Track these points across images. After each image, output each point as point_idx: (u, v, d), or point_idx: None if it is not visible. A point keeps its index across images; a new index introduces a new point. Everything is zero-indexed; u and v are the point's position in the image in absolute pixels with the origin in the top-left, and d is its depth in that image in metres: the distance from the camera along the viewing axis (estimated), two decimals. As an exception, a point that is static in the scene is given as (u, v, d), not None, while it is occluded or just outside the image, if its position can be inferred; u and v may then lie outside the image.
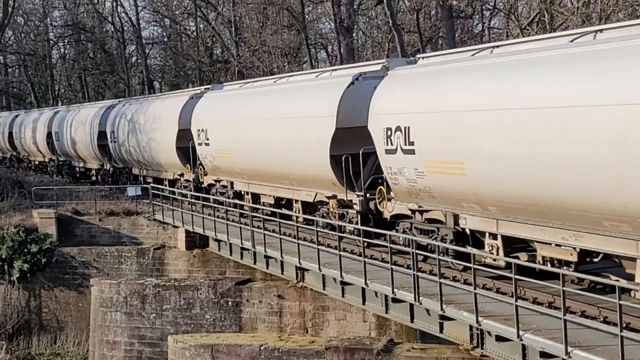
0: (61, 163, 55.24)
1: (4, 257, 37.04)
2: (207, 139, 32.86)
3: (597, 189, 15.27)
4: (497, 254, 18.67)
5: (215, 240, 31.04)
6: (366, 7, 61.44)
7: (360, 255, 21.64)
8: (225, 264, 31.59)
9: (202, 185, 34.97)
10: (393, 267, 20.00)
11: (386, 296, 20.64)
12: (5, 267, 37.15)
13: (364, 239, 21.64)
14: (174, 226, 34.37)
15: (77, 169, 53.02)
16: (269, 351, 25.81)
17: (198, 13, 73.63)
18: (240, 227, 28.26)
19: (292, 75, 30.24)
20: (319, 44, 66.80)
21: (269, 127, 28.34)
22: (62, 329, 37.06)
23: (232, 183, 32.36)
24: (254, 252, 27.81)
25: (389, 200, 22.25)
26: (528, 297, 17.41)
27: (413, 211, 21.44)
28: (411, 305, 19.80)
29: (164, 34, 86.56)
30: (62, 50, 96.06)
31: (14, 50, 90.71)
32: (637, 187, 14.50)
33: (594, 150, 15.12)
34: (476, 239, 19.76)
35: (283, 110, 27.57)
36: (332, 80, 25.75)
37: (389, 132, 21.19)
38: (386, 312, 21.18)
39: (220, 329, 29.06)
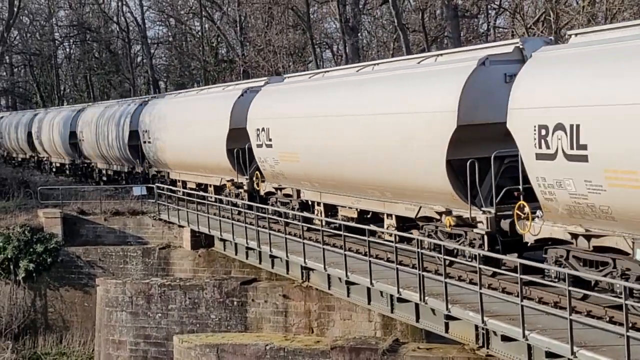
0: (85, 165, 53.04)
1: (9, 256, 37.08)
2: (269, 140, 28.26)
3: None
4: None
5: (221, 239, 31.04)
6: (371, 6, 61.42)
7: (365, 254, 21.61)
8: (230, 264, 31.59)
9: (259, 194, 30.71)
10: (398, 266, 19.98)
11: (391, 296, 20.61)
12: (11, 267, 37.18)
13: (492, 268, 18.39)
14: (180, 226, 34.38)
15: (104, 172, 49.50)
16: (275, 351, 25.79)
17: (203, 13, 73.65)
18: (246, 227, 28.23)
19: (378, 64, 25.06)
20: (324, 43, 66.83)
21: (352, 125, 23.43)
22: (67, 328, 37.09)
23: (298, 192, 27.91)
24: (259, 252, 27.79)
25: (534, 219, 17.38)
26: (534, 296, 17.37)
27: (575, 235, 16.47)
28: (417, 305, 19.78)
29: (169, 33, 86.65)
30: (67, 50, 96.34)
31: (19, 50, 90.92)
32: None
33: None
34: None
35: (374, 105, 22.53)
36: (446, 66, 20.50)
37: (543, 132, 16.09)
38: (392, 312, 21.15)
39: (226, 329, 29.06)
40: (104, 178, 49.31)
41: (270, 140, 28.13)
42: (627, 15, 37.12)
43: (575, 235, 16.36)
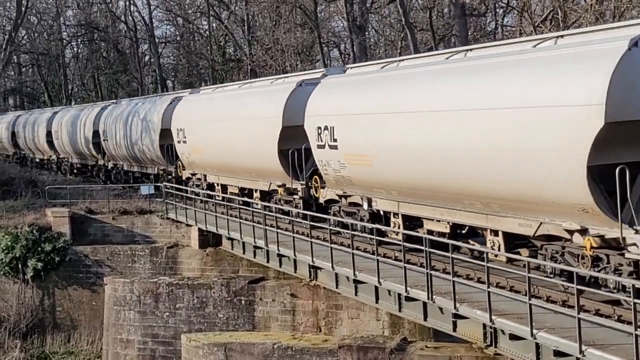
0: (112, 167, 49.31)
1: (18, 255, 37.16)
2: (334, 140, 24.22)
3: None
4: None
5: (228, 238, 31.02)
6: (379, 5, 61.36)
7: (373, 253, 21.57)
8: (238, 263, 31.59)
9: (318, 202, 27.16)
10: (406, 265, 19.95)
11: (399, 295, 20.58)
12: (20, 266, 37.26)
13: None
14: (187, 225, 34.39)
15: (131, 174, 46.16)
16: (282, 350, 25.80)
17: (211, 12, 73.69)
18: (253, 226, 28.20)
19: (472, 49, 20.88)
20: (332, 42, 66.79)
21: (446, 122, 19.30)
22: (75, 327, 37.14)
23: (369, 200, 23.99)
24: (267, 251, 27.77)
25: None
26: (542, 295, 17.32)
27: None
28: (424, 304, 19.75)
29: (177, 32, 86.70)
30: (75, 49, 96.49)
31: (27, 50, 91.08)
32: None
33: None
34: None
35: (466, 98, 18.71)
36: (580, 49, 16.30)
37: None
38: (399, 311, 21.12)
39: (234, 328, 29.08)
40: (130, 181, 45.71)
41: (335, 140, 24.19)
42: (635, 13, 37.02)
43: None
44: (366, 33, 58.58)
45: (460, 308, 18.02)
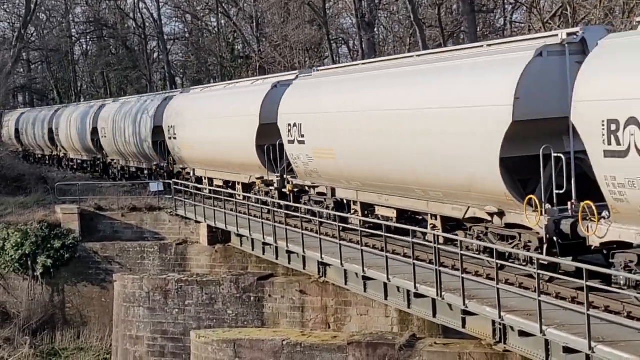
0: (109, 163, 51.74)
1: (27, 252, 37.29)
2: (302, 136, 26.96)
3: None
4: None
5: (238, 235, 31.07)
6: (388, 2, 61.29)
7: (382, 250, 21.58)
8: (247, 259, 31.63)
9: (291, 192, 29.67)
10: (415, 262, 19.95)
11: (408, 291, 20.59)
12: (29, 263, 37.39)
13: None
14: (196, 221, 34.44)
15: (126, 169, 48.76)
16: (292, 346, 25.79)
17: (219, 9, 73.70)
18: (262, 223, 28.24)
19: (423, 54, 23.78)
20: (341, 39, 66.75)
21: (396, 120, 22.01)
22: (85, 324, 37.27)
23: (333, 190, 26.79)
24: (276, 248, 27.81)
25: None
26: (551, 292, 17.33)
27: None
28: (433, 301, 19.75)
29: (186, 29, 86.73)
30: (84, 46, 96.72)
31: (37, 47, 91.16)
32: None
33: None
34: None
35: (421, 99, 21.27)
36: (503, 56, 18.99)
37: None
38: (408, 307, 21.14)
39: (243, 324, 29.10)
40: (126, 175, 48.52)
41: (302, 136, 26.90)
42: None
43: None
44: (375, 30, 58.55)
45: (470, 305, 18.03)
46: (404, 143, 21.50)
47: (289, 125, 27.67)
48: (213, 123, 35.54)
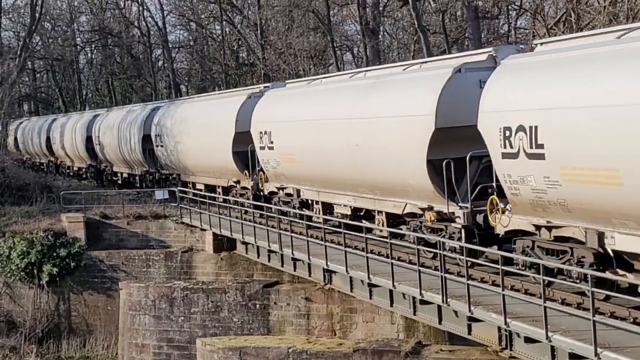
0: (102, 169, 53.48)
1: (33, 261, 37.31)
2: (271, 142, 29.88)
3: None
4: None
5: (243, 243, 31.11)
6: (391, 8, 61.36)
7: (387, 257, 21.60)
8: (252, 267, 31.66)
9: (263, 194, 32.25)
10: (420, 268, 19.97)
11: (414, 298, 20.61)
12: (35, 271, 37.41)
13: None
14: (202, 229, 34.48)
15: (119, 175, 50.42)
16: (297, 354, 25.79)
17: (224, 17, 73.78)
18: (268, 230, 28.29)
19: (369, 70, 27.27)
20: (345, 46, 66.82)
21: (344, 128, 25.21)
22: (91, 332, 37.26)
23: (298, 191, 29.31)
24: (282, 255, 27.84)
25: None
26: (557, 298, 17.33)
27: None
28: (439, 307, 19.75)
29: (190, 37, 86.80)
30: (89, 55, 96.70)
31: (41, 56, 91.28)
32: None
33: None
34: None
35: (364, 109, 24.36)
36: (427, 73, 22.60)
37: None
38: (414, 314, 21.15)
39: (249, 332, 29.12)
40: (119, 181, 50.47)
41: (272, 142, 29.91)
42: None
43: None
44: (379, 36, 58.59)
45: (475, 311, 18.04)
46: (352, 148, 24.55)
47: (261, 132, 30.64)
48: (195, 132, 38.11)
